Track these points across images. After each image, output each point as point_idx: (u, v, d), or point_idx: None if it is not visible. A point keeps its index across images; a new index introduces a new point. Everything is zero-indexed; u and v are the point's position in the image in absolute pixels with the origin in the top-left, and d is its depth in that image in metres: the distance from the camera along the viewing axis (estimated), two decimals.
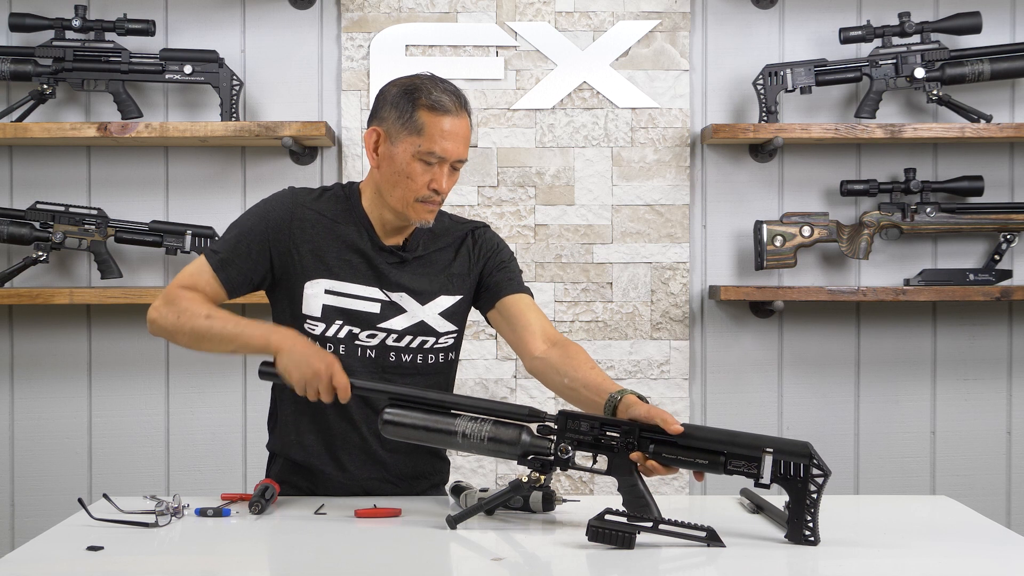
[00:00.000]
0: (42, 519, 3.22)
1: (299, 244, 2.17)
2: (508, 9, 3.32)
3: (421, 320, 2.20)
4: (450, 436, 1.98)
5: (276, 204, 2.19)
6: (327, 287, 2.16)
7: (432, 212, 2.17)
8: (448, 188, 2.16)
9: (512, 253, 2.33)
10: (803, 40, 3.36)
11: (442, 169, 2.13)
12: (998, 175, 3.36)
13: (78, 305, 3.31)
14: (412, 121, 2.10)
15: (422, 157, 2.11)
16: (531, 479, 1.95)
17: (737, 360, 3.37)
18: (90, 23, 3.20)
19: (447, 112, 2.11)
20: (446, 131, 2.11)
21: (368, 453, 2.21)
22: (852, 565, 1.77)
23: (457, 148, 2.13)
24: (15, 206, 3.29)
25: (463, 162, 2.17)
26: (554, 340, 2.20)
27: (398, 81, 2.18)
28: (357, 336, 2.17)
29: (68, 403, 3.34)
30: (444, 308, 2.22)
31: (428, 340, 2.21)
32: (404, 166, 2.12)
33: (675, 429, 1.89)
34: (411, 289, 2.20)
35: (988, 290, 3.19)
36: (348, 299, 2.17)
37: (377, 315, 2.18)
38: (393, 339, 2.19)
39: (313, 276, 2.16)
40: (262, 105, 3.33)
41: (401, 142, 2.12)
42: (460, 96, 2.15)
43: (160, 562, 1.79)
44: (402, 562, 1.80)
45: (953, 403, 3.39)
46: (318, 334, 2.16)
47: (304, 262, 2.16)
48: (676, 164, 3.33)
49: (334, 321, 2.17)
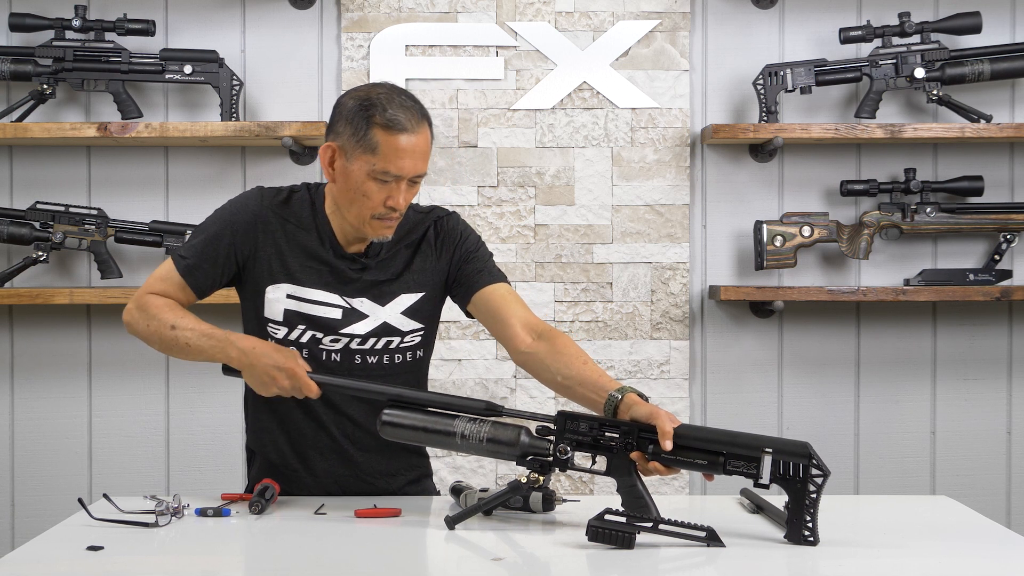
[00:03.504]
0: (42, 519, 3.22)
1: (262, 248, 2.17)
2: (508, 9, 3.32)
3: (384, 322, 2.18)
4: (449, 437, 1.98)
5: (241, 207, 2.19)
6: (289, 292, 2.16)
7: (390, 228, 2.13)
8: (406, 203, 2.11)
9: (479, 239, 2.27)
10: (803, 40, 3.36)
11: (399, 186, 2.08)
12: (998, 175, 3.36)
13: (78, 305, 3.31)
14: (367, 139, 2.05)
15: (377, 176, 2.06)
16: (530, 480, 1.95)
17: (737, 360, 3.37)
18: (90, 23, 3.20)
19: (402, 130, 2.05)
20: (402, 149, 2.05)
21: (338, 453, 2.21)
22: (852, 565, 1.77)
23: (415, 165, 2.08)
24: (15, 206, 3.29)
25: (422, 176, 2.12)
26: (539, 331, 2.15)
27: (354, 93, 2.12)
28: (321, 340, 2.17)
29: (68, 403, 3.34)
30: (406, 307, 2.19)
31: (393, 340, 2.19)
32: (359, 184, 2.08)
33: (666, 447, 1.88)
34: (370, 293, 2.18)
35: (988, 290, 3.19)
36: (309, 304, 2.16)
37: (339, 320, 2.17)
38: (357, 343, 2.17)
39: (275, 280, 2.17)
40: (262, 105, 3.33)
41: (356, 159, 2.07)
42: (417, 110, 2.08)
43: (160, 562, 1.79)
44: (402, 562, 1.80)
45: (953, 403, 3.39)
46: (281, 338, 2.17)
47: (267, 266, 2.17)
48: (676, 164, 3.33)
49: (297, 326, 2.17)
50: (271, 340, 2.17)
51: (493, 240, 3.30)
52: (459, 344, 3.28)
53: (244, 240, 2.16)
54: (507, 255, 3.30)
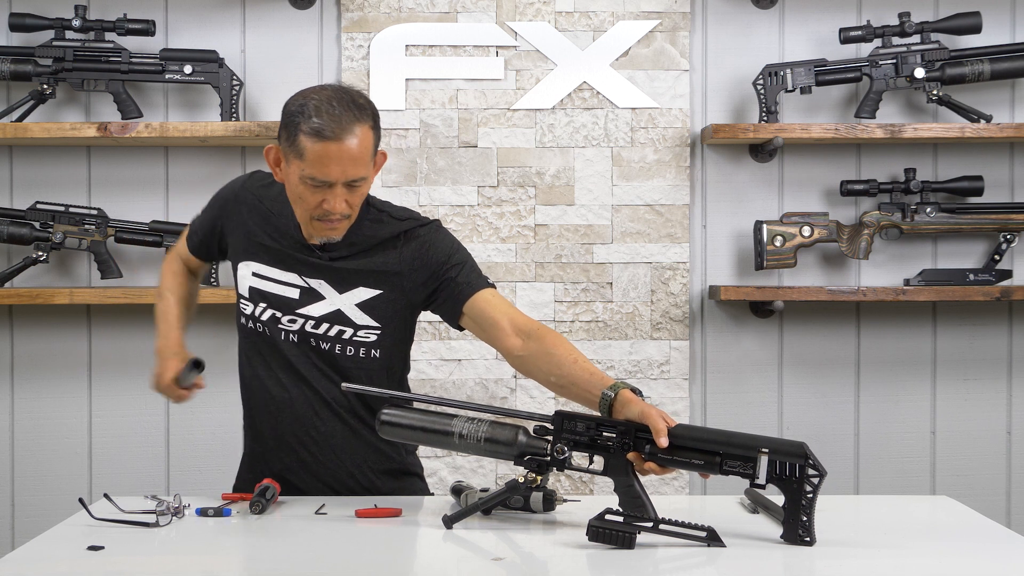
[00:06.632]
0: (42, 519, 3.21)
1: (237, 226, 2.26)
2: (508, 9, 3.32)
3: (338, 309, 2.19)
4: (447, 437, 1.99)
5: (229, 186, 2.34)
6: (254, 270, 2.23)
7: (334, 229, 2.13)
8: (347, 207, 2.10)
9: (456, 246, 2.24)
10: (803, 40, 3.36)
11: (333, 191, 2.08)
12: (998, 175, 3.36)
13: (78, 305, 3.31)
14: (296, 146, 2.06)
15: (307, 181, 2.08)
16: (527, 480, 1.95)
17: (737, 360, 3.37)
18: (90, 23, 3.20)
19: (326, 138, 2.04)
20: (327, 157, 2.05)
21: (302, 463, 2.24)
22: (852, 565, 1.77)
23: (343, 171, 2.06)
24: (15, 206, 3.29)
25: (362, 179, 2.10)
26: (527, 331, 2.13)
27: (294, 98, 2.12)
28: (280, 320, 2.21)
29: (68, 403, 3.34)
30: (362, 300, 2.19)
31: (346, 331, 2.19)
32: (295, 187, 2.11)
33: (661, 443, 1.88)
34: (330, 276, 2.19)
35: (988, 290, 3.19)
36: (270, 283, 2.22)
37: (296, 300, 2.20)
38: (311, 325, 2.20)
39: (243, 258, 2.25)
40: (262, 105, 3.33)
41: (291, 163, 2.10)
42: (347, 115, 2.05)
43: (161, 562, 1.79)
44: (402, 562, 1.81)
45: (953, 403, 3.39)
46: (248, 314, 2.24)
47: (239, 243, 2.26)
48: (676, 164, 3.33)
49: (259, 303, 2.23)
50: (242, 316, 2.25)
51: (493, 240, 3.30)
52: (459, 344, 3.28)
53: (224, 215, 2.29)
54: (507, 255, 3.30)
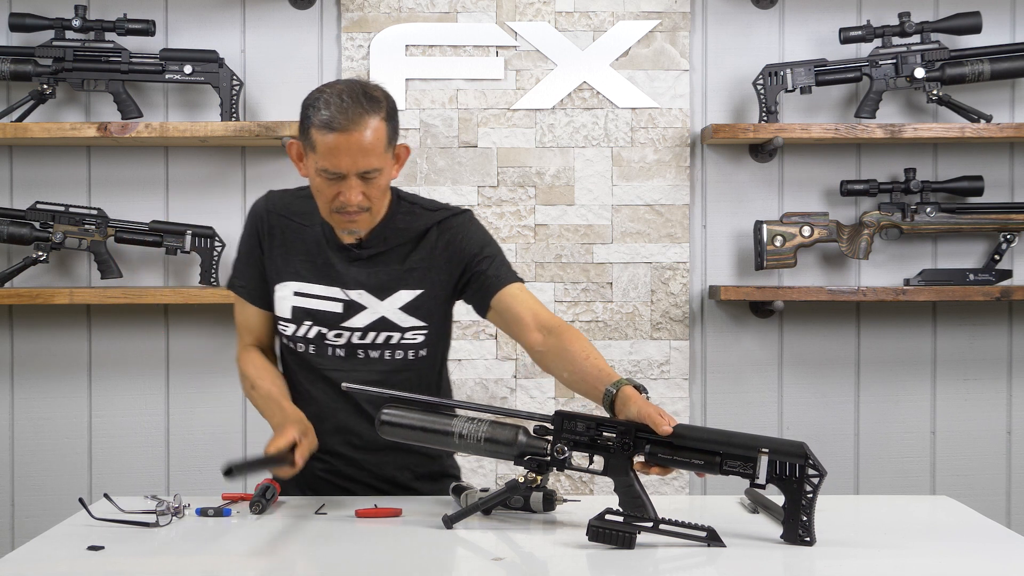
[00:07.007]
0: (42, 519, 3.21)
1: (271, 250, 2.24)
2: (508, 9, 3.32)
3: (382, 316, 2.19)
4: (447, 437, 1.99)
5: (252, 215, 2.28)
6: (295, 289, 2.21)
7: (354, 222, 2.14)
8: (364, 199, 2.10)
9: (487, 239, 2.28)
10: (803, 40, 3.36)
11: (347, 183, 2.08)
12: (998, 175, 3.36)
13: (78, 305, 3.31)
14: (308, 138, 2.10)
15: (321, 173, 2.10)
16: (527, 480, 1.95)
17: (737, 360, 3.37)
18: (90, 23, 3.20)
19: (334, 130, 2.05)
20: (335, 148, 2.06)
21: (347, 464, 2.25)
22: (852, 565, 1.77)
23: (354, 162, 2.07)
24: (15, 206, 3.29)
25: (375, 171, 2.10)
26: (548, 327, 2.15)
27: (311, 92, 2.14)
28: (326, 336, 2.21)
29: (68, 403, 3.34)
30: (404, 303, 2.20)
31: (392, 336, 2.20)
32: (313, 181, 2.13)
33: (664, 431, 1.88)
34: (368, 285, 2.19)
35: (988, 290, 3.19)
36: (313, 300, 2.21)
37: (340, 314, 2.20)
38: (358, 337, 2.20)
39: (283, 279, 2.22)
40: (262, 105, 3.33)
41: (308, 157, 2.12)
42: (355, 107, 2.06)
43: (161, 562, 1.79)
44: (402, 562, 1.80)
45: (953, 403, 3.39)
46: (289, 335, 2.22)
47: (275, 266, 2.23)
48: (676, 164, 3.33)
49: (303, 322, 2.21)
50: (282, 337, 2.25)
51: None
52: (459, 344, 3.28)
53: (261, 240, 2.25)
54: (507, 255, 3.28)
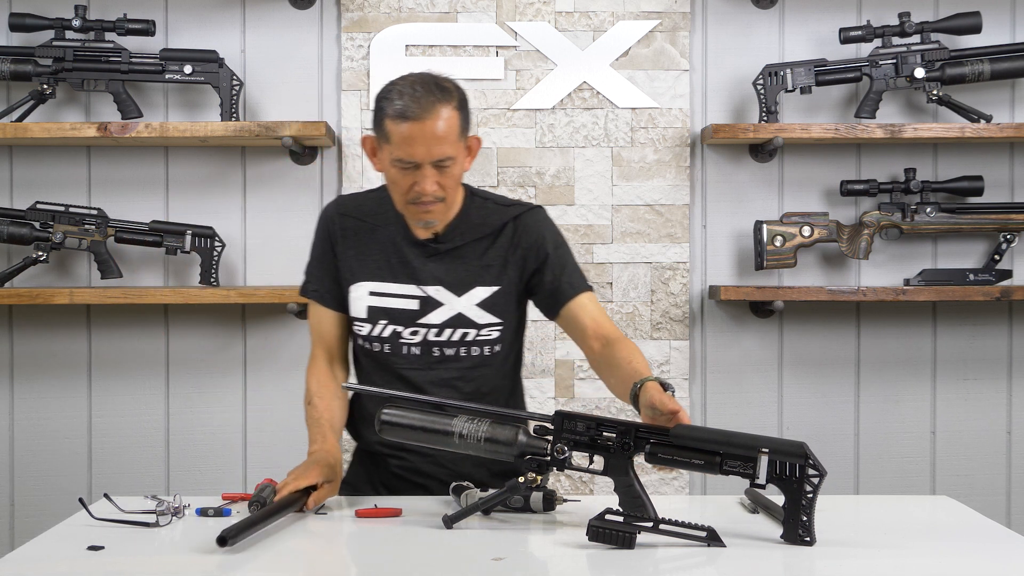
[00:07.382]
0: (42, 519, 3.21)
1: (344, 252, 2.27)
2: (508, 9, 3.32)
3: (459, 312, 2.23)
4: (447, 437, 1.99)
5: (323, 222, 2.32)
6: (371, 289, 2.25)
7: (429, 213, 2.17)
8: (439, 188, 2.14)
9: (560, 239, 2.32)
10: (803, 40, 3.36)
11: (422, 172, 2.12)
12: (998, 175, 3.36)
13: (78, 305, 3.31)
14: (383, 129, 2.14)
15: (396, 163, 2.13)
16: (527, 479, 1.95)
17: (737, 360, 3.37)
18: (90, 23, 3.20)
19: (405, 119, 2.09)
20: (409, 137, 2.10)
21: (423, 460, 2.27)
22: (852, 565, 1.77)
23: (428, 151, 2.11)
24: (15, 206, 3.29)
25: (449, 159, 2.13)
26: (605, 338, 2.20)
27: (383, 86, 2.18)
28: (401, 335, 2.24)
29: (68, 403, 3.34)
30: (481, 299, 2.24)
31: (469, 332, 2.23)
32: (388, 172, 2.17)
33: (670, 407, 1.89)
34: (445, 281, 2.23)
35: (988, 290, 3.19)
36: (389, 298, 2.24)
37: (417, 311, 2.23)
38: (434, 334, 2.23)
39: (357, 279, 2.26)
40: (262, 105, 3.33)
41: (382, 149, 2.16)
42: (427, 96, 2.11)
43: (161, 562, 1.79)
44: (402, 562, 1.81)
45: (953, 403, 3.39)
46: (365, 335, 2.26)
47: (349, 267, 2.27)
48: (676, 164, 3.33)
49: (379, 321, 2.24)
50: (357, 338, 2.28)
51: None
52: None
53: (334, 244, 2.29)
54: None
